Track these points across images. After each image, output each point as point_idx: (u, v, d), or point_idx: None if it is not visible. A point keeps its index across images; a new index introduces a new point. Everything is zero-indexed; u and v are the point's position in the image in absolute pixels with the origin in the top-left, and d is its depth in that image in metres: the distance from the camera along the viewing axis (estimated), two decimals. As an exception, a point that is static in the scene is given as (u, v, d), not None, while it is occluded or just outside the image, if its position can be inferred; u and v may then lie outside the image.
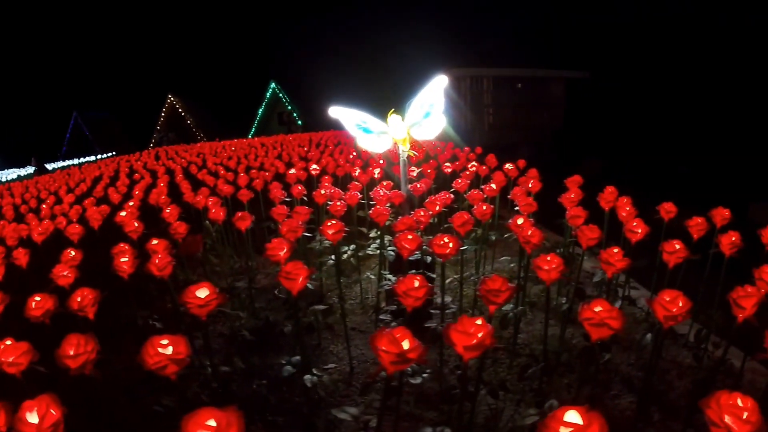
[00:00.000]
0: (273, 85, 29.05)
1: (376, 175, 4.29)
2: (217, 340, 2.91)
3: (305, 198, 3.63)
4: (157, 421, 1.77)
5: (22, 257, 2.71)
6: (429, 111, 2.94)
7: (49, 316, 1.80)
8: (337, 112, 2.93)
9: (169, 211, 3.11)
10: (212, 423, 0.84)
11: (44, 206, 4.90)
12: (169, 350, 1.25)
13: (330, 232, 2.19)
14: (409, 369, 1.69)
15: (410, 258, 2.61)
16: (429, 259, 2.63)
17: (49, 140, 31.46)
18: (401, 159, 3.04)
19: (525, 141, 14.50)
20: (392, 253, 2.65)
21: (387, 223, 2.79)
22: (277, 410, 2.17)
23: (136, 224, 2.93)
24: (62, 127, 32.44)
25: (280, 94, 28.85)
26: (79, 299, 1.76)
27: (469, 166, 4.57)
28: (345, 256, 3.17)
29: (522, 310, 2.23)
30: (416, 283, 1.37)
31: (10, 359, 1.38)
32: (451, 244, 1.89)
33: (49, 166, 17.41)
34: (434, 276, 2.40)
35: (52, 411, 1.06)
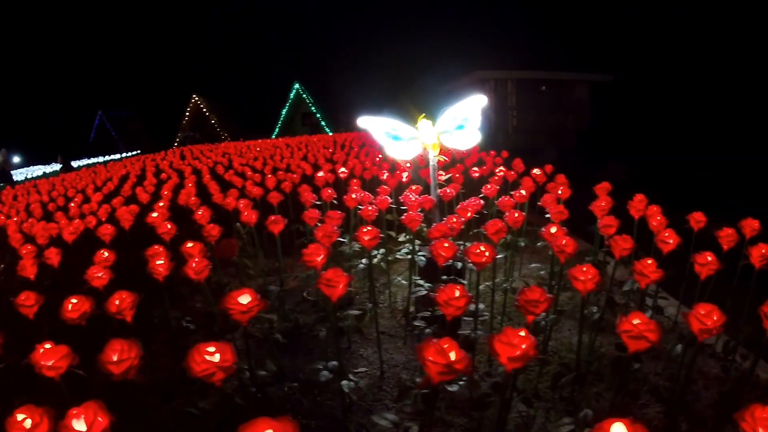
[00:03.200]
0: (297, 85, 29.25)
1: (403, 179, 4.29)
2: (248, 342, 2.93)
3: (335, 201, 3.65)
4: (192, 424, 1.75)
5: (54, 257, 2.70)
6: (462, 124, 2.95)
7: (86, 318, 1.79)
8: (366, 122, 2.95)
9: (201, 213, 3.11)
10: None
11: (72, 205, 4.86)
12: (216, 357, 1.24)
13: (366, 238, 2.20)
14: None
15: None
16: (459, 265, 2.63)
17: (75, 138, 32.25)
18: (431, 164, 3.05)
19: (549, 144, 14.39)
20: (423, 258, 2.66)
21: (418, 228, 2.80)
22: (311, 414, 2.19)
23: (169, 226, 2.97)
24: (87, 126, 33.28)
25: (304, 95, 29.03)
26: (117, 302, 1.75)
27: (497, 171, 4.55)
28: (375, 260, 3.18)
29: (555, 319, 2.21)
30: (457, 293, 1.38)
31: (50, 363, 1.36)
32: (487, 253, 1.88)
33: (75, 164, 17.62)
34: (464, 282, 2.40)
35: (99, 418, 1.05)
